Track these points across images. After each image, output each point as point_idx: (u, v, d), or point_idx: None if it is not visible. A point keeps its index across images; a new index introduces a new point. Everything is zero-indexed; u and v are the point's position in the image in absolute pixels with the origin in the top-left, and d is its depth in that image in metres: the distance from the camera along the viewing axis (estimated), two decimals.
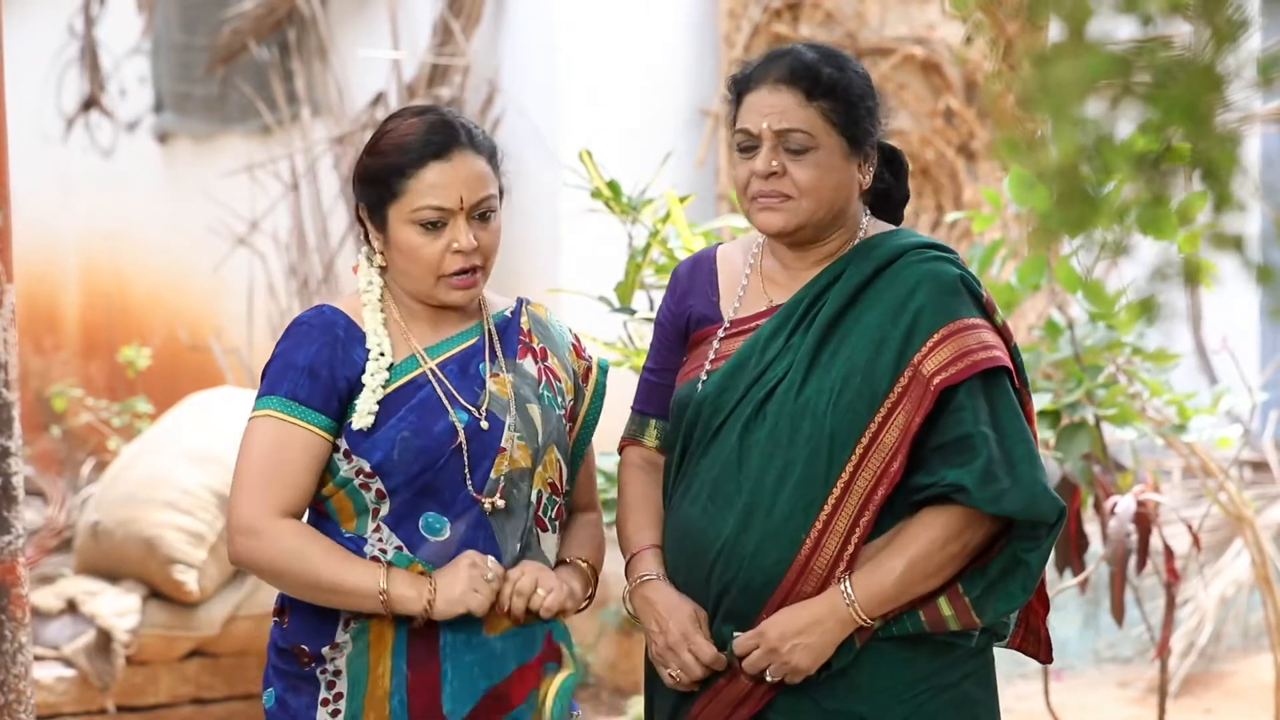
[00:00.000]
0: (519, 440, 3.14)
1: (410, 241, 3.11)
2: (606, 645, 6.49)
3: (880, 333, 3.08)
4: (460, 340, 3.19)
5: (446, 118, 3.15)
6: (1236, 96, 2.05)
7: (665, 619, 3.15)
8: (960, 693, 3.13)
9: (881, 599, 3.04)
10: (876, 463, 3.04)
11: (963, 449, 3.03)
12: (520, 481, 3.14)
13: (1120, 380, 4.98)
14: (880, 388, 3.05)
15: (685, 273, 3.33)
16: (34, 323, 9.63)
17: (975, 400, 3.04)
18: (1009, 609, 3.09)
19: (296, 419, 3.08)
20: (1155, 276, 2.08)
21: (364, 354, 3.11)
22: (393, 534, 3.09)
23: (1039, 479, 3.03)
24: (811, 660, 3.06)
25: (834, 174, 3.12)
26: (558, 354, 3.28)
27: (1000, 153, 2.16)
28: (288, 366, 3.10)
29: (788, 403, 3.10)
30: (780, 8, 7.08)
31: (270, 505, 3.06)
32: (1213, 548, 6.84)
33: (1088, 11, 2.01)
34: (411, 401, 3.10)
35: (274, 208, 8.02)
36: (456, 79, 7.22)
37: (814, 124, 3.11)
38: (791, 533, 3.07)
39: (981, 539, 3.06)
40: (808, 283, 3.17)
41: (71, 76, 9.39)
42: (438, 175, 3.11)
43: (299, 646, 3.14)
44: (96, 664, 5.93)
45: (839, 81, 3.12)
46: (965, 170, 7.21)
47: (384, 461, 3.07)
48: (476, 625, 3.11)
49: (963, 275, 3.12)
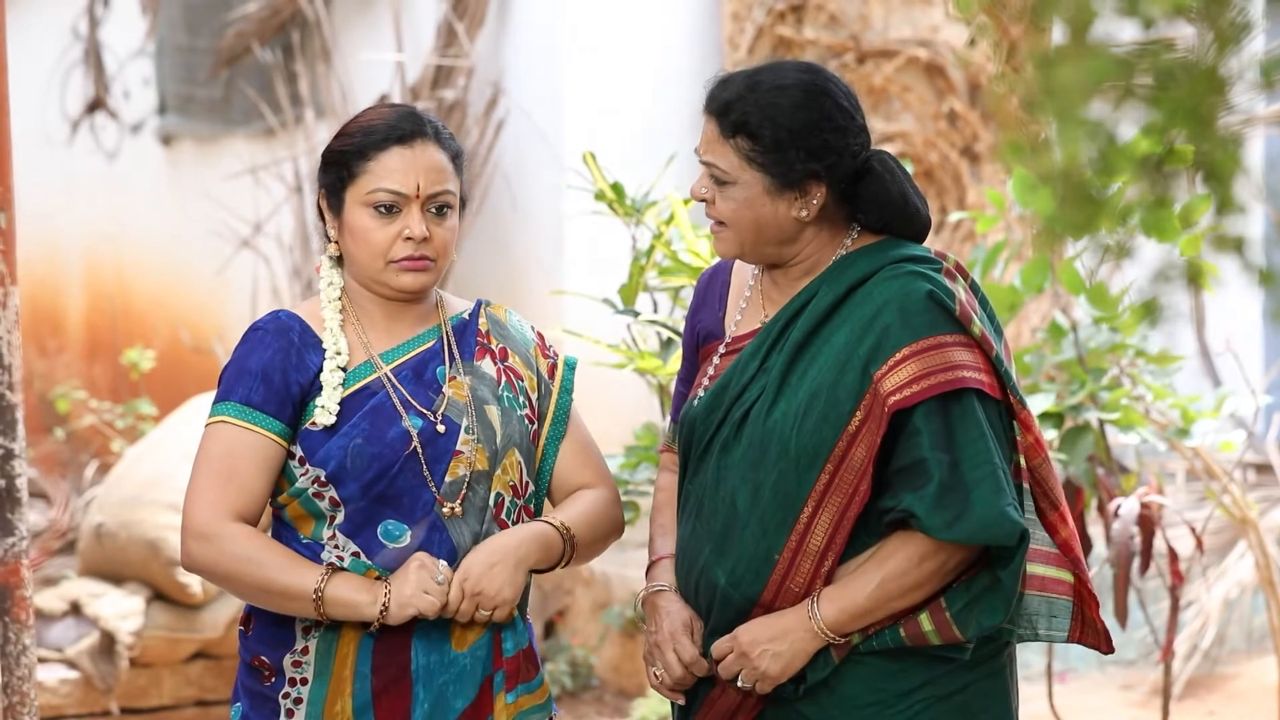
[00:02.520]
0: (476, 443, 3.12)
1: (362, 224, 3.09)
2: (610, 647, 6.49)
3: (846, 353, 3.04)
4: (416, 344, 3.18)
5: (416, 111, 3.16)
6: (1239, 99, 2.05)
7: (660, 620, 3.16)
8: (961, 703, 3.10)
9: (853, 614, 3.02)
10: (848, 482, 3.02)
11: (917, 474, 2.99)
12: (477, 485, 3.12)
13: (1124, 383, 4.98)
14: (845, 408, 3.02)
15: (703, 285, 3.33)
16: (37, 325, 9.63)
17: (931, 424, 2.99)
18: (991, 624, 3.05)
19: (250, 424, 3.06)
20: (1158, 279, 2.09)
21: (318, 359, 3.10)
22: (349, 540, 3.06)
23: (995, 504, 2.97)
24: (780, 668, 3.05)
25: (754, 209, 3.06)
26: (519, 353, 3.26)
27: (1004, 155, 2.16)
28: (242, 372, 3.09)
29: (759, 424, 3.08)
30: (784, 10, 7.08)
31: (223, 510, 3.04)
32: (1216, 550, 6.84)
33: (1091, 14, 2.01)
34: (364, 408, 3.08)
35: (277, 210, 8.02)
36: (460, 81, 7.22)
37: (729, 160, 3.05)
38: (765, 553, 3.06)
39: (963, 557, 3.03)
40: (787, 302, 3.15)
41: (75, 79, 9.40)
42: (398, 160, 3.09)
43: (259, 659, 3.13)
44: (100, 666, 5.93)
45: (754, 120, 3.03)
46: (969, 172, 7.21)
47: (338, 470, 3.05)
48: (447, 643, 3.09)
49: (932, 290, 3.04)
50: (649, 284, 4.59)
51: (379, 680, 3.08)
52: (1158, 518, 4.88)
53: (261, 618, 3.14)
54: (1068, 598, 3.21)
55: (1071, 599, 3.21)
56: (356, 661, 3.08)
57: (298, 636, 3.10)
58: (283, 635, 3.11)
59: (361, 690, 3.08)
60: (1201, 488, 6.92)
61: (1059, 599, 3.20)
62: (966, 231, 7.01)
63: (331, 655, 3.09)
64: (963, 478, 2.98)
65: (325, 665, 3.09)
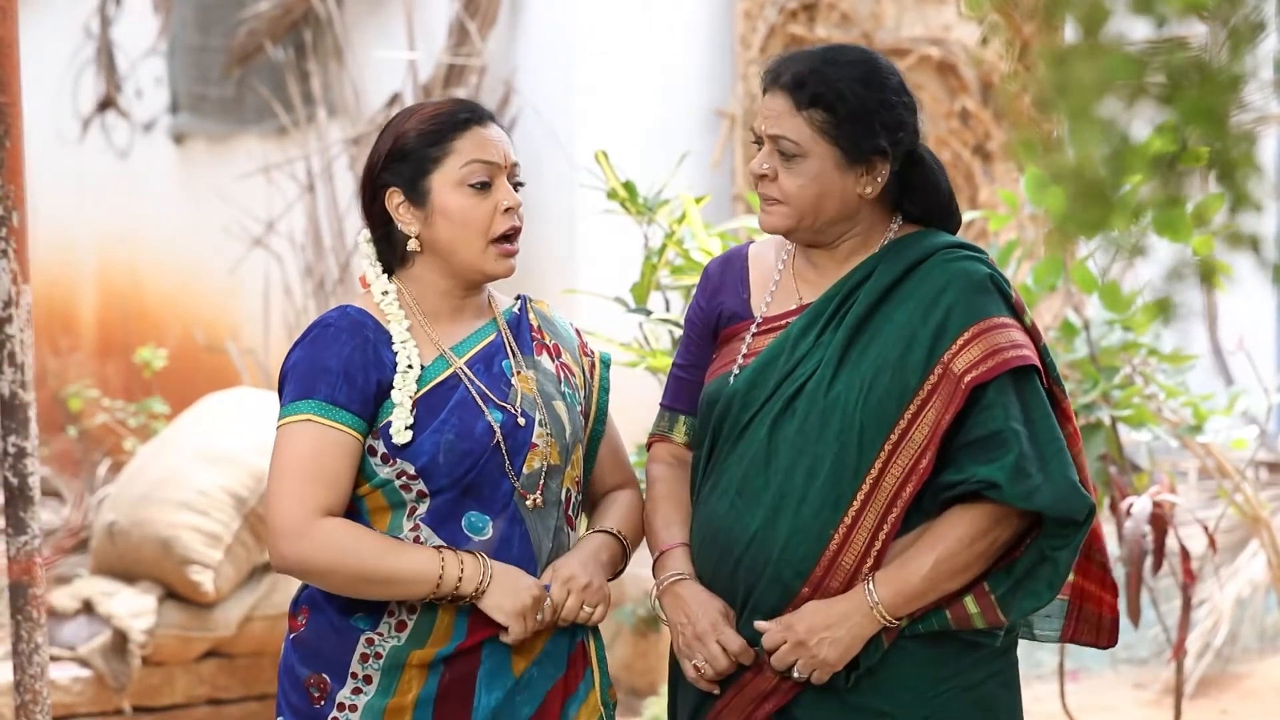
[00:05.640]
0: (550, 437, 3.15)
1: (460, 204, 3.11)
2: (622, 645, 6.49)
3: (910, 330, 3.08)
4: (481, 336, 3.19)
5: (467, 98, 3.19)
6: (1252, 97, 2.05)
7: (695, 611, 3.14)
8: (984, 693, 3.13)
9: (909, 596, 3.04)
10: (905, 459, 3.05)
11: (994, 445, 3.03)
12: (551, 479, 3.16)
13: (1136, 381, 4.97)
14: (910, 384, 3.06)
15: (717, 270, 3.33)
16: (50, 323, 9.65)
17: (1006, 397, 3.04)
18: (1035, 607, 3.09)
19: (334, 422, 3.06)
20: (1171, 277, 2.09)
21: (393, 355, 3.11)
22: (433, 533, 3.08)
23: (1069, 476, 3.03)
24: (839, 654, 3.05)
25: (822, 183, 3.10)
26: (569, 350, 3.29)
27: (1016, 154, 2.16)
28: (321, 370, 3.08)
29: (818, 398, 3.10)
30: (796, 9, 7.08)
31: (312, 507, 3.04)
32: (1228, 549, 6.83)
33: (1104, 13, 2.01)
34: (450, 403, 3.10)
35: (290, 209, 8.03)
36: (472, 80, 7.22)
37: (801, 133, 3.09)
38: (820, 528, 3.07)
39: (1009, 536, 3.07)
40: (839, 280, 3.17)
41: (88, 78, 9.41)
42: (480, 136, 3.14)
43: (319, 677, 3.12)
44: (112, 664, 5.94)
45: (830, 92, 3.08)
46: (981, 171, 7.20)
47: (429, 465, 3.06)
48: (507, 671, 3.11)
49: (992, 274, 3.12)
50: (661, 282, 4.59)
51: (440, 711, 3.10)
52: (1170, 516, 4.88)
53: (321, 630, 3.13)
54: (1063, 597, 3.25)
55: (1068, 598, 3.25)
56: (419, 697, 3.10)
57: (354, 662, 3.11)
58: (340, 654, 3.11)
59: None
60: (1214, 486, 6.91)
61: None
62: (979, 230, 7.00)
63: (394, 684, 3.10)
64: (1040, 449, 3.04)
65: (390, 685, 3.10)
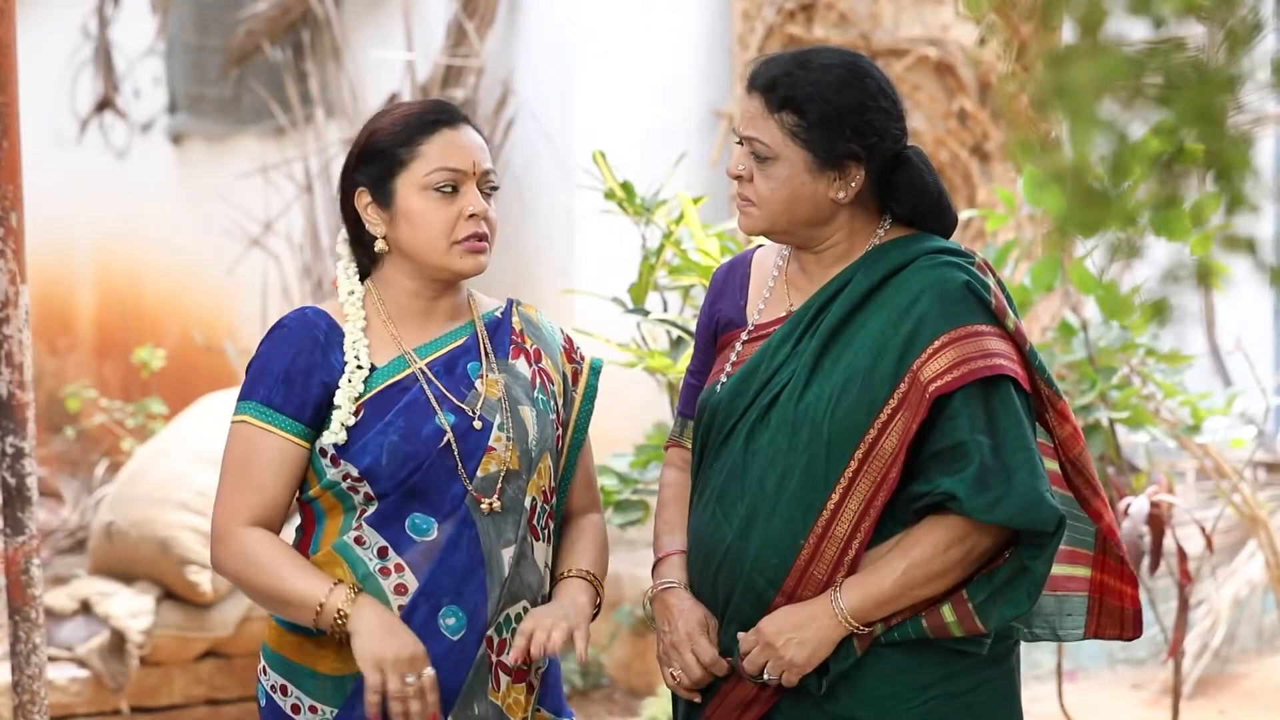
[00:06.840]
0: (509, 442, 3.12)
1: (422, 208, 3.09)
2: (620, 646, 6.49)
3: (882, 339, 3.06)
4: (449, 340, 3.17)
5: (444, 100, 3.16)
6: (1250, 98, 2.05)
7: (675, 620, 3.15)
8: (972, 702, 3.10)
9: (878, 601, 3.02)
10: (876, 469, 3.03)
11: (956, 457, 3.00)
12: (509, 483, 3.12)
13: (1134, 382, 4.98)
14: (879, 394, 3.03)
15: (721, 276, 3.33)
16: (48, 324, 9.65)
17: (971, 408, 3.01)
18: (1014, 615, 3.06)
19: (269, 425, 3.06)
20: (1168, 278, 2.09)
21: (344, 358, 3.10)
22: (377, 534, 3.07)
23: (1036, 487, 2.99)
24: (806, 656, 3.04)
25: (792, 186, 3.08)
26: (550, 356, 3.26)
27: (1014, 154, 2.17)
28: (263, 371, 3.09)
29: (789, 409, 3.09)
30: (794, 9, 7.08)
31: (239, 513, 3.06)
32: (1226, 549, 6.83)
33: (1101, 13, 2.01)
34: (398, 405, 3.08)
35: (288, 209, 8.03)
36: (470, 80, 7.22)
37: (773, 136, 3.07)
38: (790, 538, 3.06)
39: (988, 546, 3.04)
40: (819, 289, 3.15)
41: (85, 78, 9.41)
42: (449, 140, 3.12)
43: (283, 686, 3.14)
44: (110, 665, 5.94)
45: (801, 96, 3.06)
46: (979, 171, 7.20)
47: (373, 466, 3.05)
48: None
49: (969, 281, 3.07)
50: (659, 283, 4.59)
51: None
52: (1168, 516, 4.88)
53: (280, 669, 3.14)
54: (1083, 594, 3.22)
55: (1087, 594, 3.22)
56: None
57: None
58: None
59: None
60: (1212, 486, 6.92)
61: (1073, 596, 3.22)
62: (977, 230, 7.00)
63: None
64: (1004, 460, 3.00)
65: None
